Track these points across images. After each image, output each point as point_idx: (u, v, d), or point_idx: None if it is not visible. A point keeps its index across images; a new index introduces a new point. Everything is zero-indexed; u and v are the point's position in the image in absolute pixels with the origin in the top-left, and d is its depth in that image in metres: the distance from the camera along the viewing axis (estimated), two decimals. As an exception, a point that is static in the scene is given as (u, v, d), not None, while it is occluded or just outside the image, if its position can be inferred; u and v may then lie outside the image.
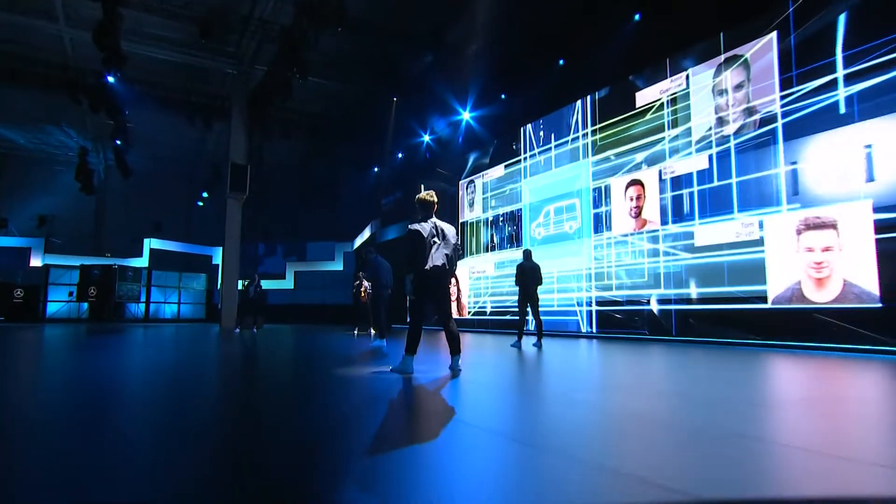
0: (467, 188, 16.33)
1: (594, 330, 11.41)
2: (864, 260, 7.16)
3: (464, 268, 16.22)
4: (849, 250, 7.31)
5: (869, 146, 7.23)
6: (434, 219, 4.68)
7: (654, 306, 10.05)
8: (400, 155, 20.14)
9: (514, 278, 8.59)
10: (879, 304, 7.00)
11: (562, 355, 8.05)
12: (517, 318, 8.73)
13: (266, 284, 24.23)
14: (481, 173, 15.65)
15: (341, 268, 28.40)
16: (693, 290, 9.37)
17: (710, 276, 9.08)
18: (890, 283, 6.91)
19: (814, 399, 3.94)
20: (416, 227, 4.56)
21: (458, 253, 4.75)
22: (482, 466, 2.17)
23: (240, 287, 18.70)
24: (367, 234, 24.57)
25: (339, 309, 27.76)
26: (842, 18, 7.60)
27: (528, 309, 8.44)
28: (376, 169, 22.14)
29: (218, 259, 28.47)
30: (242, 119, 18.31)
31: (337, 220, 26.93)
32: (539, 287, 8.56)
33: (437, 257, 4.50)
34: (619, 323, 10.77)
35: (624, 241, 10.84)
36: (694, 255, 9.38)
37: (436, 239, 4.54)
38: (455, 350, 4.72)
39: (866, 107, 7.27)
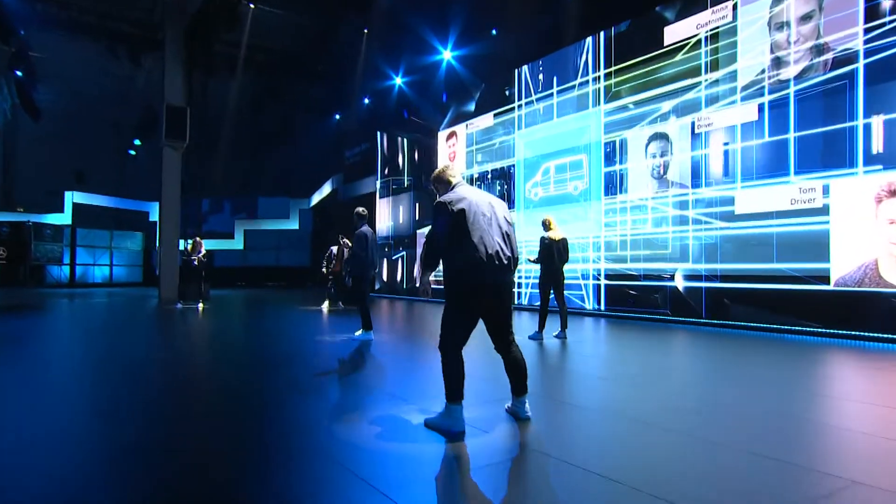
0: (448, 140, 14.41)
1: (602, 307, 10.02)
2: (966, 236, 5.89)
3: (442, 231, 14.50)
4: (947, 224, 6.02)
5: (984, 94, 5.84)
6: (467, 186, 3.11)
7: (680, 283, 8.67)
8: (366, 100, 17.86)
9: (536, 254, 6.86)
10: (983, 291, 5.78)
11: (601, 348, 6.57)
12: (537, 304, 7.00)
13: (212, 245, 21.89)
14: (465, 122, 13.74)
15: (297, 227, 26.20)
16: (731, 266, 8.01)
17: (754, 251, 7.71)
18: None
19: None
20: (448, 197, 2.91)
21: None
22: None
23: (181, 247, 16.39)
24: (327, 190, 22.37)
25: (295, 272, 25.74)
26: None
27: (552, 292, 6.79)
28: (338, 116, 19.78)
29: (156, 216, 25.63)
30: (178, 53, 15.54)
31: (292, 173, 24.51)
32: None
33: (491, 241, 2.82)
34: (635, 300, 9.39)
35: (643, 206, 9.34)
36: (733, 223, 7.97)
37: (483, 214, 2.87)
38: (519, 387, 3.04)
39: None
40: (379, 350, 6.09)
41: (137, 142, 21.96)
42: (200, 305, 11.51)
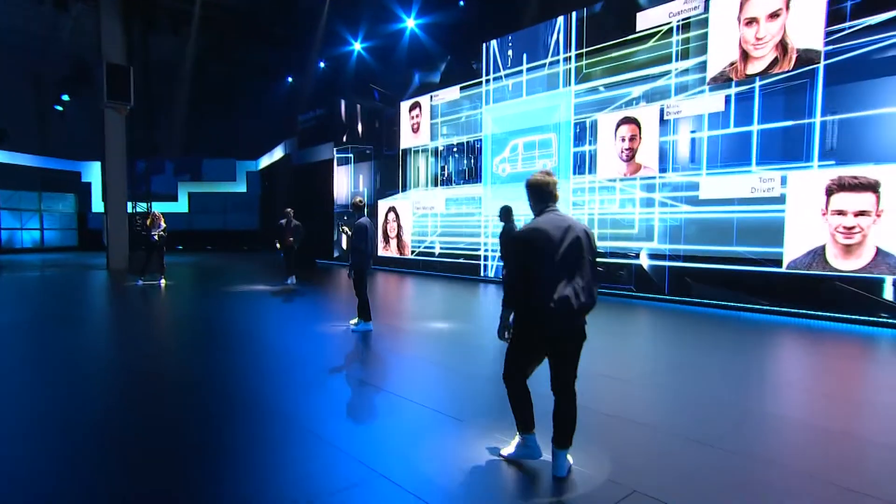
0: (411, 111, 14.11)
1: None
2: (903, 228, 6.57)
3: (406, 202, 14.39)
4: (888, 216, 6.67)
5: (927, 100, 6.42)
6: (556, 210, 2.72)
7: (644, 261, 9.16)
8: (322, 64, 17.06)
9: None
10: (913, 277, 6.52)
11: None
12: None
13: (154, 207, 20.62)
14: (430, 94, 13.48)
15: (245, 189, 25.15)
16: (693, 247, 8.53)
17: (716, 233, 8.24)
18: (929, 255, 6.40)
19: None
20: (521, 233, 2.69)
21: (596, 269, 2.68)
22: None
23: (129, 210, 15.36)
24: (279, 153, 21.46)
25: (243, 235, 24.83)
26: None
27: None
28: (290, 79, 18.81)
29: (89, 177, 23.83)
30: (115, 4, 14.16)
31: (239, 134, 23.25)
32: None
33: (561, 287, 2.52)
34: (600, 276, 9.82)
35: (611, 187, 9.67)
36: (697, 208, 8.45)
37: (558, 253, 2.55)
38: (563, 440, 2.65)
39: (931, 54, 6.38)
40: (386, 343, 6.12)
41: (66, 97, 19.98)
42: (162, 282, 10.95)
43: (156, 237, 10.86)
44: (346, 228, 6.77)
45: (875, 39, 6.75)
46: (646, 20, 9.11)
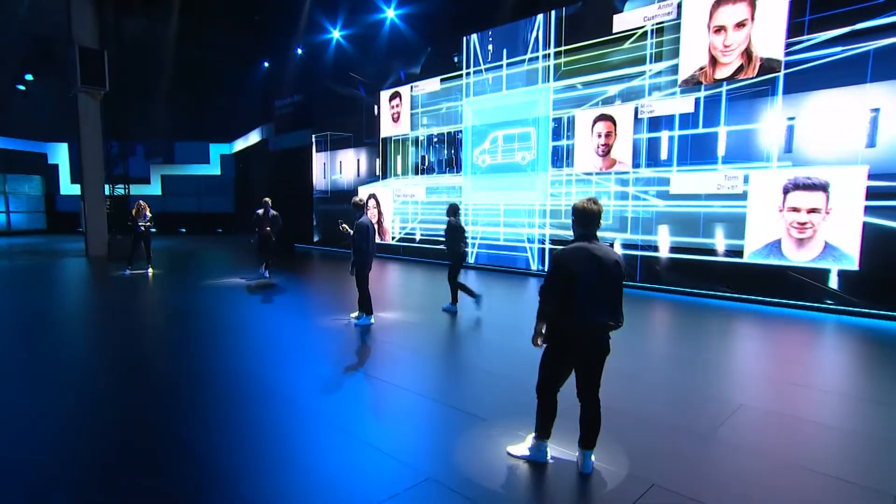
0: (391, 100, 14.04)
1: (546, 268, 10.79)
2: (849, 224, 7.13)
3: (386, 190, 14.42)
4: (836, 214, 7.23)
5: (876, 110, 6.93)
6: (595, 238, 2.89)
7: (618, 251, 9.59)
8: (299, 50, 16.64)
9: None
10: (857, 268, 7.12)
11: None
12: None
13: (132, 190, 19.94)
14: (410, 84, 13.43)
15: (219, 172, 24.49)
16: (663, 238, 8.99)
17: (684, 226, 8.71)
18: (871, 249, 6.98)
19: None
20: (563, 255, 2.84)
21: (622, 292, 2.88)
22: None
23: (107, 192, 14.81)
24: (254, 138, 20.95)
25: (218, 218, 24.31)
26: (867, -35, 6.89)
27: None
28: (266, 64, 18.27)
29: (56, 158, 22.73)
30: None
31: (213, 119, 22.50)
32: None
33: (594, 310, 2.76)
34: (576, 264, 10.23)
35: (587, 180, 10.00)
36: (667, 202, 8.88)
37: (594, 280, 2.75)
38: (589, 442, 2.93)
39: (880, 67, 6.85)
40: (390, 337, 6.31)
41: (29, 77, 18.85)
42: (150, 270, 10.75)
43: (142, 227, 10.63)
44: (345, 226, 6.85)
45: (828, 53, 7.19)
46: (622, 22, 9.34)
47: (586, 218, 2.89)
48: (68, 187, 22.82)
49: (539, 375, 3.01)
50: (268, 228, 10.37)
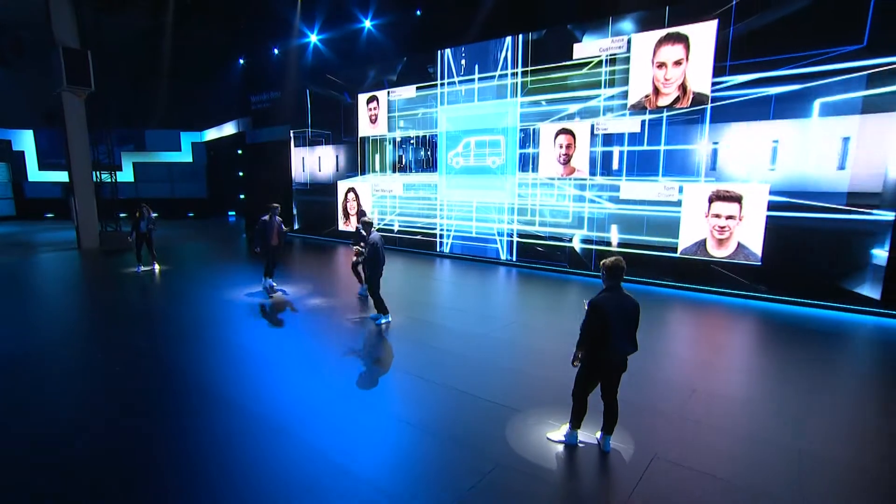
0: (369, 103, 14.25)
1: (514, 258, 11.75)
2: (755, 229, 8.49)
3: (365, 185, 14.79)
4: (746, 221, 8.55)
5: (776, 141, 8.19)
6: (620, 288, 3.70)
7: (577, 245, 10.67)
8: (276, 51, 16.29)
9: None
10: (760, 263, 8.52)
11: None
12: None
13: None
14: (387, 90, 13.70)
15: (190, 159, 23.62)
16: (614, 235, 10.13)
17: (631, 226, 9.87)
18: (770, 248, 8.38)
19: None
20: (600, 303, 3.61)
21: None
22: None
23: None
24: (229, 129, 20.38)
25: (191, 203, 23.63)
26: (771, 27, 7.99)
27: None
28: (242, 61, 17.70)
29: (21, 145, 21.12)
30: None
31: (184, 107, 21.54)
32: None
33: (620, 343, 3.62)
34: (541, 255, 11.25)
35: (550, 184, 10.93)
36: (618, 206, 9.98)
37: (619, 321, 3.60)
38: (609, 429, 3.85)
39: (779, 108, 8.07)
40: (410, 334, 7.04)
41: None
42: (157, 267, 10.81)
43: (145, 229, 10.58)
44: (359, 248, 7.41)
45: (743, 93, 8.34)
46: (581, 51, 10.12)
47: (616, 271, 3.69)
48: (36, 174, 21.36)
49: (575, 386, 3.89)
50: (277, 239, 9.06)
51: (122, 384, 5.10)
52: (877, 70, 7.25)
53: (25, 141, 21.01)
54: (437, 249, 13.26)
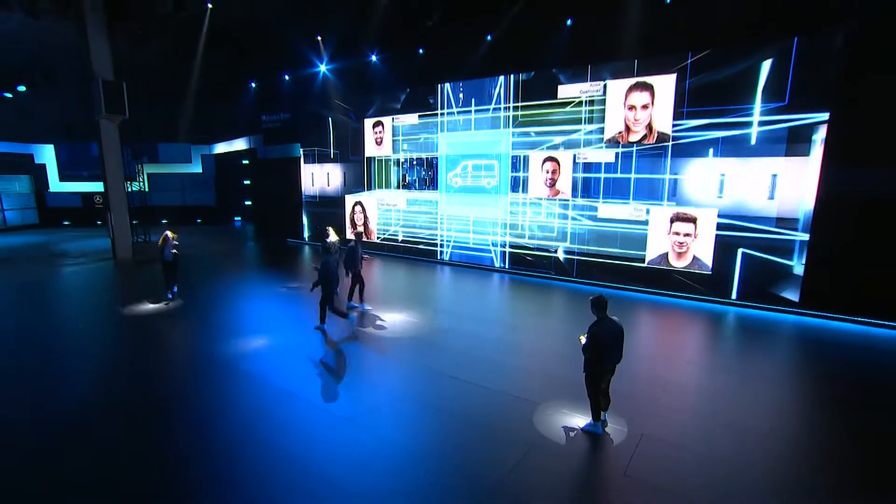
0: (374, 127, 14.93)
1: (506, 266, 12.73)
2: (706, 245, 9.67)
3: (371, 198, 15.51)
4: (700, 238, 9.73)
5: (723, 175, 9.35)
6: (610, 317, 4.71)
7: (561, 255, 11.72)
8: (286, 77, 16.74)
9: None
10: (710, 272, 9.73)
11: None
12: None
13: None
14: (391, 116, 14.40)
15: (200, 170, 23.77)
16: (593, 248, 11.21)
17: (607, 240, 10.95)
18: (719, 261, 9.58)
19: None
20: (598, 330, 4.62)
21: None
22: None
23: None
24: (240, 145, 20.70)
25: (200, 210, 23.83)
26: (718, 83, 9.10)
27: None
28: (254, 84, 18.05)
29: (42, 158, 20.96)
30: (101, 24, 12.80)
31: (195, 122, 21.69)
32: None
33: (615, 357, 4.73)
34: (530, 263, 12.26)
35: (538, 203, 11.92)
36: (596, 223, 11.05)
37: (613, 342, 4.68)
38: (605, 406, 4.91)
39: (725, 148, 9.22)
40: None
41: (21, 88, 17.23)
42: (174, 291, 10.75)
43: (170, 256, 9.96)
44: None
45: (696, 134, 9.46)
46: (564, 91, 11.09)
47: (602, 304, 4.71)
48: (57, 184, 21.25)
49: (587, 388, 4.85)
50: (361, 268, 9.01)
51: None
52: (795, 124, 8.46)
53: (46, 154, 20.86)
54: (438, 257, 14.13)
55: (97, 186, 21.78)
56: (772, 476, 4.17)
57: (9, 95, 17.75)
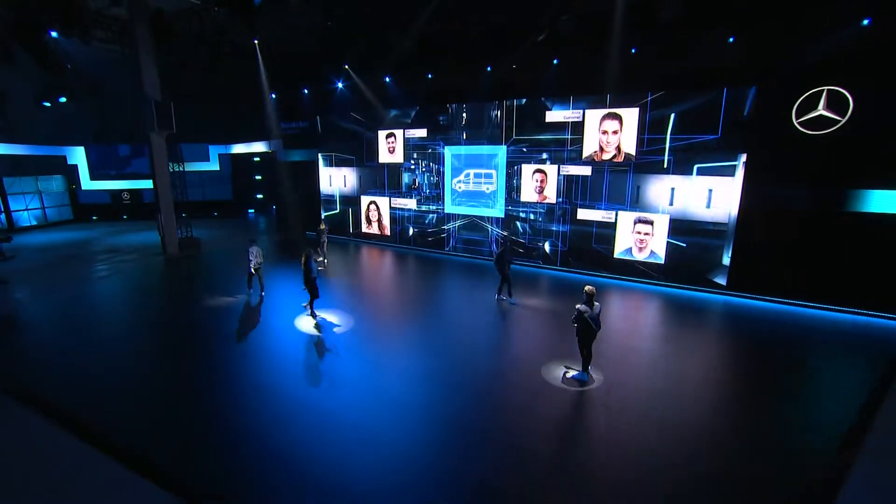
0: (387, 137, 16.49)
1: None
2: (660, 242, 11.87)
3: (384, 199, 17.15)
4: (656, 236, 11.92)
5: (673, 188, 11.49)
6: (595, 303, 6.78)
7: (547, 247, 13.79)
8: (305, 91, 18.00)
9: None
10: (663, 262, 11.97)
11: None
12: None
13: (140, 185, 20.57)
14: (403, 129, 15.98)
15: (217, 168, 24.84)
16: (572, 243, 13.30)
17: (584, 237, 13.06)
18: (669, 254, 11.80)
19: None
20: (584, 308, 6.61)
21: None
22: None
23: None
24: (258, 147, 21.87)
25: (218, 204, 24.99)
26: (670, 117, 11.14)
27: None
28: (273, 95, 19.20)
29: (74, 159, 21.78)
30: (150, 51, 13.91)
31: (212, 124, 22.69)
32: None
33: (594, 325, 6.72)
34: (521, 254, 14.29)
35: (529, 205, 13.89)
36: (575, 224, 13.12)
37: (596, 315, 6.69)
38: (589, 363, 7.25)
39: (676, 168, 11.34)
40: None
41: (63, 99, 18.02)
42: (261, 294, 11.80)
43: (252, 269, 10.90)
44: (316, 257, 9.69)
45: (654, 156, 11.53)
46: (551, 116, 12.96)
47: (591, 296, 6.75)
48: (88, 183, 22.09)
49: (579, 345, 6.91)
50: (508, 263, 10.45)
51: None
52: (724, 152, 10.62)
53: (78, 156, 21.61)
54: (445, 248, 16.01)
55: (123, 184, 22.78)
56: (693, 398, 6.36)
57: (47, 105, 18.46)
